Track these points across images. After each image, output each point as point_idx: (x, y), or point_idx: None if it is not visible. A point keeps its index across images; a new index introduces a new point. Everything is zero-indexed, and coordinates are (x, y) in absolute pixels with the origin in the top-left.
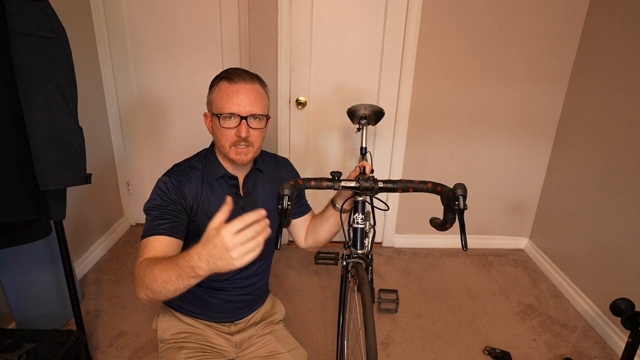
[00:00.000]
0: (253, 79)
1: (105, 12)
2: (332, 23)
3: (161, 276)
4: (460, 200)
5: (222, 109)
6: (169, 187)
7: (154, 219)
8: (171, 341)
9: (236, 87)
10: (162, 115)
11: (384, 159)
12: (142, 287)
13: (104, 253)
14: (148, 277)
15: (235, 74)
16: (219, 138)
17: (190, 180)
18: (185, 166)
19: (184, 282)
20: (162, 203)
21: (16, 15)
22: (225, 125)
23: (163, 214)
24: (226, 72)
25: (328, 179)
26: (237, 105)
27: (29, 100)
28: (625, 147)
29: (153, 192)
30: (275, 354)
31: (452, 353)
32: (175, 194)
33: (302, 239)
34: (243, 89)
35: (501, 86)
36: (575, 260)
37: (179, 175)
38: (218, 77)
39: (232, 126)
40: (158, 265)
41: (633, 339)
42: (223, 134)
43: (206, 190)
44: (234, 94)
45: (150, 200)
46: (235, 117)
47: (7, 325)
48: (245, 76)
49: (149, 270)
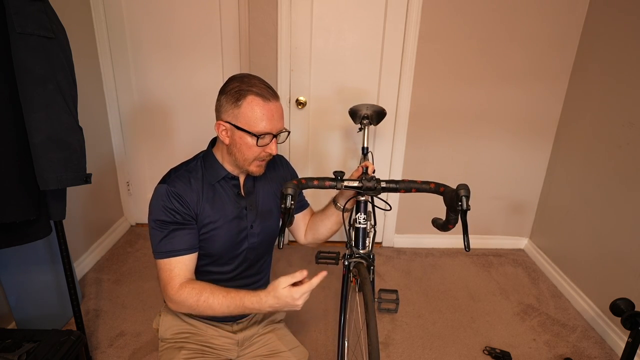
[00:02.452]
0: (276, 95)
1: (105, 12)
2: (332, 23)
3: (219, 309)
4: (463, 201)
5: (258, 127)
6: (171, 198)
7: (167, 236)
8: (171, 341)
9: (270, 106)
10: (162, 115)
11: (384, 158)
12: (185, 309)
13: (104, 253)
14: (202, 306)
15: (265, 90)
16: (244, 152)
17: (190, 185)
18: (183, 170)
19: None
20: (170, 216)
21: (16, 15)
22: (262, 144)
23: (175, 230)
24: (251, 85)
25: (331, 178)
26: (272, 125)
27: (29, 100)
28: (625, 147)
29: (156, 203)
30: (277, 353)
31: (452, 353)
32: (178, 203)
33: (302, 235)
34: (274, 107)
35: (501, 86)
36: (575, 260)
37: (177, 181)
38: (243, 90)
39: (267, 144)
40: (215, 297)
41: (633, 339)
42: (251, 150)
43: (207, 193)
44: (270, 113)
45: (154, 213)
46: (268, 135)
47: (7, 325)
48: (271, 91)
49: (203, 302)
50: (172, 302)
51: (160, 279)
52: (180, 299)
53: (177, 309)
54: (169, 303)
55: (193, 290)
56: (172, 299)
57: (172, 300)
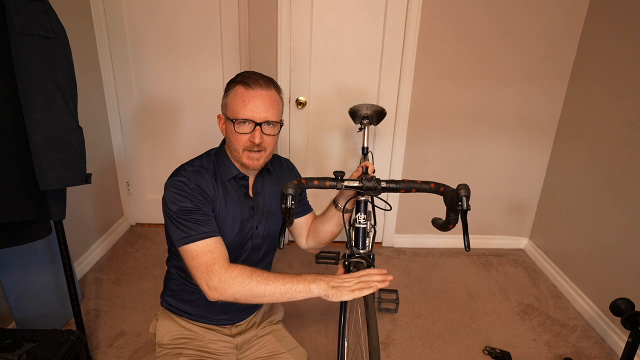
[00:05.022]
0: (269, 85)
1: (105, 12)
2: (332, 23)
3: (273, 286)
4: (463, 200)
5: (237, 114)
6: (192, 188)
7: (197, 221)
8: (169, 347)
9: (252, 93)
10: (162, 115)
11: (384, 158)
12: (233, 290)
13: (104, 253)
14: (255, 281)
15: (252, 79)
16: (232, 142)
17: (206, 180)
18: (197, 166)
19: (291, 295)
20: (193, 204)
21: (16, 15)
22: (239, 130)
23: (203, 214)
24: (242, 77)
25: (331, 178)
26: (252, 112)
27: (29, 100)
28: (625, 147)
29: (175, 194)
30: (276, 354)
31: (452, 353)
32: (200, 195)
33: (304, 240)
34: (259, 95)
35: (502, 86)
36: (575, 260)
37: (194, 175)
38: (234, 81)
39: (247, 132)
40: (267, 273)
41: (633, 339)
42: (237, 139)
43: (220, 190)
44: (249, 99)
45: (177, 203)
46: (249, 122)
47: (7, 325)
48: (262, 81)
49: (258, 276)
50: (220, 283)
51: (200, 264)
52: (231, 275)
53: (223, 293)
54: (211, 290)
55: (244, 269)
56: (220, 278)
57: (221, 280)
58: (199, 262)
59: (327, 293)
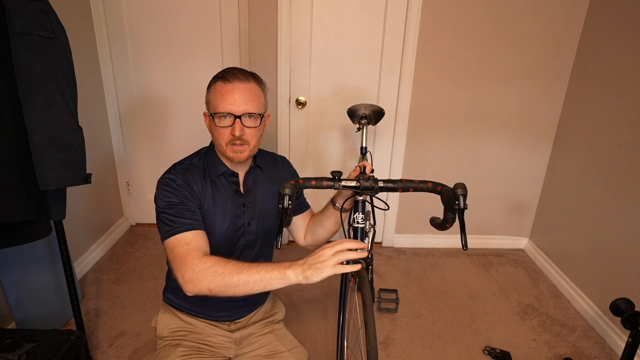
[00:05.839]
0: (248, 78)
1: (105, 12)
2: (332, 23)
3: (247, 277)
4: (460, 199)
5: (216, 108)
6: (179, 184)
7: (179, 215)
8: (169, 338)
9: (230, 87)
10: (162, 115)
11: (383, 158)
12: (207, 282)
13: (104, 253)
14: (229, 272)
15: (230, 74)
16: (216, 137)
17: (195, 177)
18: (187, 164)
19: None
20: (179, 198)
21: (16, 15)
22: (220, 124)
23: (186, 209)
24: (222, 72)
25: (328, 178)
26: (231, 105)
27: (29, 100)
28: (624, 147)
29: (163, 191)
30: (276, 353)
31: (452, 353)
32: (186, 190)
33: (302, 237)
34: (237, 88)
35: (502, 86)
36: (575, 260)
37: (183, 173)
38: (215, 77)
39: (227, 125)
40: (241, 264)
41: (633, 339)
42: (219, 133)
43: (209, 187)
44: (227, 93)
45: (163, 199)
46: (229, 116)
47: (7, 325)
48: (240, 75)
49: (232, 266)
50: (194, 274)
51: (176, 256)
52: (204, 266)
53: (197, 284)
54: (186, 283)
55: (218, 259)
56: (194, 270)
57: (195, 271)
58: (174, 254)
59: (305, 275)
